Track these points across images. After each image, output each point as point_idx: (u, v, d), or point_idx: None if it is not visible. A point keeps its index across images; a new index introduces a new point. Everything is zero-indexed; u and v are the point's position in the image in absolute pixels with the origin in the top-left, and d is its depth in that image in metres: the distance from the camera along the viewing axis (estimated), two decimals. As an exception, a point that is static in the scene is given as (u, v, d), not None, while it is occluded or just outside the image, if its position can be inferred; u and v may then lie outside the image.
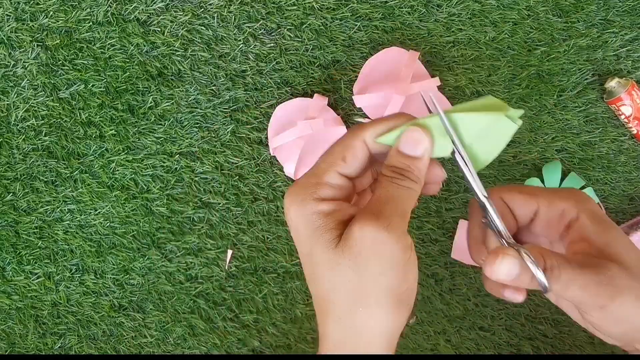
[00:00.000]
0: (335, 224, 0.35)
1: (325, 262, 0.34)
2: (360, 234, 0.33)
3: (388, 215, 0.34)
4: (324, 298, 0.36)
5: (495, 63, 0.75)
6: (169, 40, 0.75)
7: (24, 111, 0.76)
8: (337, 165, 0.36)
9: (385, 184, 0.35)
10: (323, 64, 0.75)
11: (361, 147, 0.36)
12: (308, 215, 0.35)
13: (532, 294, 0.76)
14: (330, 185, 0.35)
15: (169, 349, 0.78)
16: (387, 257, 0.33)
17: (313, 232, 0.35)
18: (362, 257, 0.33)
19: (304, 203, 0.35)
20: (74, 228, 0.77)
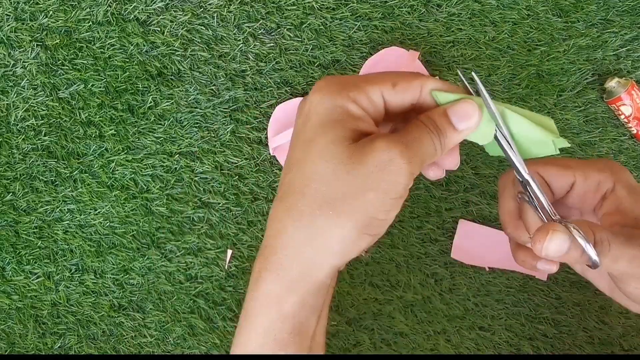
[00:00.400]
0: (353, 128, 0.33)
1: (325, 154, 0.33)
2: (382, 149, 0.32)
3: (414, 152, 0.33)
4: (299, 188, 0.33)
5: (495, 63, 0.75)
6: (169, 40, 0.75)
7: (24, 111, 0.76)
8: (385, 87, 0.34)
9: (422, 128, 0.34)
10: (323, 64, 0.75)
11: (416, 87, 0.35)
12: (333, 106, 0.33)
13: (532, 293, 0.76)
14: (369, 97, 0.34)
15: (169, 348, 0.78)
16: (389, 184, 0.32)
17: (329, 122, 0.33)
18: (368, 169, 0.32)
19: (336, 95, 0.33)
20: (73, 228, 0.77)
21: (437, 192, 0.75)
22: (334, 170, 0.32)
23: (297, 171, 0.34)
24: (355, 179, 0.32)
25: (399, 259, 0.76)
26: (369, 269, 0.76)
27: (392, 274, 0.76)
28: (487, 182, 0.75)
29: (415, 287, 0.76)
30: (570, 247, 0.33)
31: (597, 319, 0.76)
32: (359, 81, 0.34)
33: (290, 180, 0.34)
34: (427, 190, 0.76)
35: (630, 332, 0.76)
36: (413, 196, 0.75)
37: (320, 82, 0.35)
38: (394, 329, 0.77)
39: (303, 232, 0.33)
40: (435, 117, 0.35)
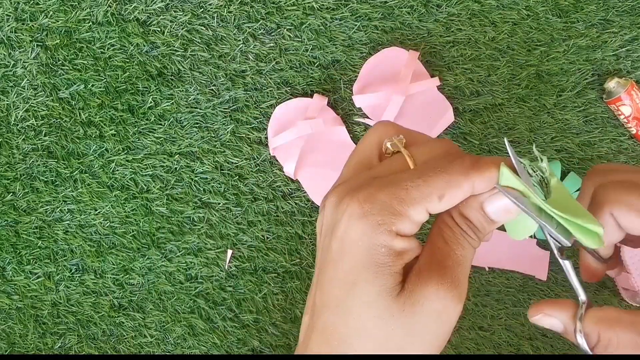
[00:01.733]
0: (400, 268, 0.30)
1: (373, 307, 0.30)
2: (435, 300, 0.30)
3: (462, 283, 0.30)
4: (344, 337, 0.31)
5: (495, 63, 0.75)
6: (169, 40, 0.75)
7: (24, 111, 0.76)
8: (431, 202, 0.30)
9: (462, 240, 0.31)
10: (323, 64, 0.75)
11: (465, 189, 0.30)
12: (376, 245, 0.30)
13: (532, 293, 0.76)
14: (413, 220, 0.30)
15: (169, 348, 0.78)
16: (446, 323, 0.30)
17: (373, 266, 0.30)
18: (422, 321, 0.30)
19: (378, 229, 0.30)
20: (73, 228, 0.77)
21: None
22: (385, 325, 0.30)
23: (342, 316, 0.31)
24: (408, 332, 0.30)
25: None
26: (368, 269, 0.76)
27: (392, 274, 0.77)
28: (486, 182, 0.76)
29: (415, 287, 0.76)
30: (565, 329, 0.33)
31: (596, 318, 0.76)
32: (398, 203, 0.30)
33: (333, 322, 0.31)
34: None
35: (629, 332, 0.76)
36: (413, 196, 0.76)
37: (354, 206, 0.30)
38: (393, 329, 0.77)
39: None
40: (472, 216, 0.32)
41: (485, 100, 0.75)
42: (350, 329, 0.31)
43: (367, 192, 0.30)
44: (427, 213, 0.30)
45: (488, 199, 0.31)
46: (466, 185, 0.30)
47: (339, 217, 0.31)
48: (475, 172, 0.30)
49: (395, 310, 0.30)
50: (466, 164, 0.30)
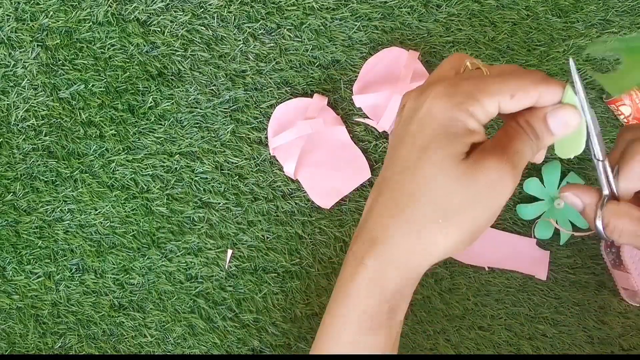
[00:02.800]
0: (468, 142, 0.35)
1: (442, 167, 0.34)
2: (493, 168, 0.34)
3: (519, 166, 0.35)
4: (412, 193, 0.35)
5: (495, 63, 0.75)
6: (169, 40, 0.75)
7: (24, 111, 0.76)
8: (503, 98, 0.35)
9: (524, 138, 0.36)
10: (323, 64, 0.75)
11: (533, 95, 0.35)
12: (454, 119, 0.34)
13: (532, 293, 0.76)
14: (486, 110, 0.35)
15: (169, 348, 0.78)
16: (496, 197, 0.35)
17: (448, 135, 0.34)
18: (479, 186, 0.34)
19: (457, 108, 0.34)
20: (74, 228, 0.77)
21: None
22: (449, 184, 0.34)
23: (411, 175, 0.36)
24: (467, 194, 0.35)
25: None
26: (368, 269, 0.76)
27: (392, 274, 0.77)
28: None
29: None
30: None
31: (596, 318, 0.76)
32: (478, 92, 0.35)
33: (401, 181, 0.36)
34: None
35: (629, 332, 0.76)
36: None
37: (439, 88, 0.35)
38: (393, 329, 0.77)
39: (413, 234, 0.36)
40: (536, 123, 0.36)
41: (485, 100, 0.75)
42: (418, 184, 0.35)
43: (452, 80, 0.36)
44: (498, 107, 0.35)
45: (551, 111, 0.36)
46: (534, 92, 0.35)
47: (423, 100, 0.36)
48: (544, 84, 0.35)
49: (459, 173, 0.34)
50: (538, 76, 0.36)
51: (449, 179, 0.34)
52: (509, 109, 0.36)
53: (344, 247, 0.76)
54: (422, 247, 0.36)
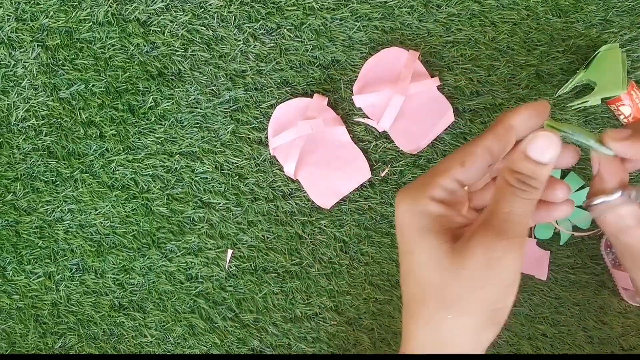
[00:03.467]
0: (441, 228, 0.34)
1: (426, 263, 0.34)
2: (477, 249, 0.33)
3: (511, 234, 0.33)
4: (416, 298, 0.35)
5: (495, 63, 0.75)
6: (169, 40, 0.75)
7: (25, 111, 0.76)
8: (454, 170, 0.34)
9: (509, 196, 0.34)
10: (323, 64, 0.75)
11: (482, 154, 0.34)
12: (416, 213, 0.34)
13: (532, 293, 0.76)
14: (443, 187, 0.34)
15: (169, 348, 0.78)
16: (497, 276, 0.33)
17: (418, 231, 0.34)
18: (471, 269, 0.33)
19: (415, 201, 0.35)
20: (74, 228, 0.77)
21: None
22: (441, 278, 0.34)
23: (411, 281, 0.36)
24: (464, 281, 0.33)
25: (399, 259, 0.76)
26: (369, 269, 0.76)
27: (392, 274, 0.76)
28: (486, 182, 0.76)
29: (415, 286, 0.76)
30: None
31: (596, 318, 0.76)
32: (430, 177, 0.35)
33: (408, 290, 0.36)
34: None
35: (629, 332, 0.76)
36: (413, 196, 0.76)
37: (399, 194, 0.36)
38: (393, 329, 0.77)
39: (432, 336, 0.35)
40: (518, 166, 0.34)
41: (485, 100, 0.75)
42: (415, 287, 0.35)
43: (407, 185, 0.36)
44: (457, 181, 0.34)
45: (528, 144, 0.34)
46: (478, 149, 0.34)
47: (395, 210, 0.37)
48: (482, 138, 0.34)
49: (447, 264, 0.33)
50: (481, 134, 0.35)
51: (440, 274, 0.34)
52: (469, 178, 0.35)
53: (344, 247, 0.76)
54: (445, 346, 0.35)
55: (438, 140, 0.75)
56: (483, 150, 0.34)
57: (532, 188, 0.34)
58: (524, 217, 0.33)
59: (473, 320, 0.34)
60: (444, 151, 0.75)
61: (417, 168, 0.75)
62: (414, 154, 0.75)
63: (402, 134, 0.74)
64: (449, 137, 0.75)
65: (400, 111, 0.73)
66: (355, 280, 0.76)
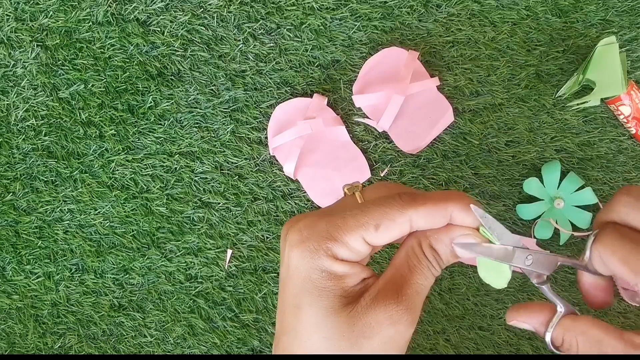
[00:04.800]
0: (342, 292, 0.31)
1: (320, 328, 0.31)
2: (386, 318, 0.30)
3: (417, 310, 0.31)
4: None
5: (495, 63, 0.75)
6: (169, 40, 0.75)
7: (24, 111, 0.76)
8: (367, 232, 0.31)
9: (426, 271, 0.32)
10: (322, 64, 0.75)
11: (402, 224, 0.31)
12: (315, 270, 0.31)
13: (532, 293, 0.76)
14: (350, 247, 0.31)
15: (169, 348, 0.78)
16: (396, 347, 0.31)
17: (312, 289, 0.31)
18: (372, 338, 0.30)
19: (315, 254, 0.31)
20: (73, 228, 0.77)
21: (437, 192, 0.76)
22: (335, 345, 0.30)
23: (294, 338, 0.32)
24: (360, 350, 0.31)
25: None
26: (368, 269, 0.76)
27: (391, 274, 0.77)
28: (486, 182, 0.76)
29: (414, 287, 0.76)
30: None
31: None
32: (335, 229, 0.31)
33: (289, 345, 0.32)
34: (427, 191, 0.76)
35: (629, 332, 0.76)
36: (413, 196, 0.76)
37: (293, 234, 0.31)
38: (393, 329, 0.77)
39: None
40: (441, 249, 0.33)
41: (485, 100, 0.75)
42: (305, 350, 0.31)
43: (309, 220, 0.32)
44: (365, 242, 0.31)
45: (459, 241, 0.32)
46: (400, 219, 0.31)
47: (284, 245, 0.32)
48: (410, 207, 0.31)
49: (345, 331, 0.30)
50: (404, 199, 0.31)
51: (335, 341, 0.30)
52: (379, 242, 0.31)
53: (343, 247, 0.76)
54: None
55: (438, 140, 0.75)
56: (405, 221, 0.31)
57: (438, 271, 0.33)
58: (426, 289, 0.32)
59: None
60: (443, 151, 0.75)
61: (417, 168, 0.75)
62: (414, 154, 0.75)
63: (402, 134, 0.74)
64: (449, 137, 0.75)
65: (400, 111, 0.73)
66: (355, 280, 0.76)
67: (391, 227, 0.31)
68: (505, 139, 0.75)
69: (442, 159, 0.75)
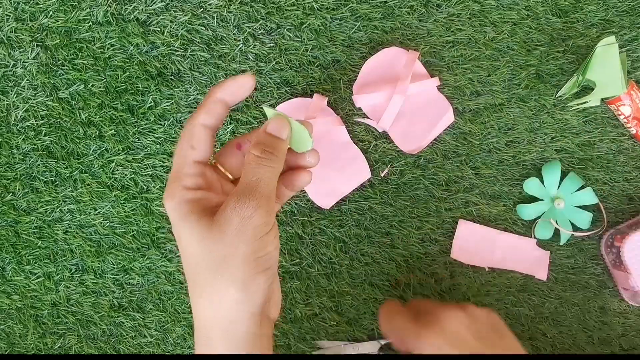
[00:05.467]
0: (200, 209, 0.39)
1: (192, 240, 0.38)
2: (231, 214, 0.37)
3: (257, 196, 0.38)
4: (191, 277, 0.39)
5: (495, 63, 0.75)
6: (169, 40, 0.75)
7: (24, 111, 0.76)
8: (189, 155, 0.40)
9: (254, 165, 0.39)
10: (323, 64, 0.75)
11: (201, 131, 0.41)
12: (176, 205, 0.39)
13: (532, 293, 0.76)
14: (190, 174, 0.40)
15: (169, 348, 0.78)
16: (249, 230, 0.38)
17: (181, 218, 0.39)
18: (229, 232, 0.37)
19: (172, 195, 0.40)
20: (73, 228, 0.77)
21: (437, 193, 0.76)
22: (206, 247, 0.38)
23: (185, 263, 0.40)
24: (226, 244, 0.38)
25: (398, 259, 0.76)
26: (368, 269, 0.76)
27: (392, 274, 0.76)
28: (486, 182, 0.76)
29: (415, 287, 0.76)
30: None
31: (597, 319, 0.76)
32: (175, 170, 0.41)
33: (186, 272, 0.40)
34: (427, 191, 0.76)
35: (629, 332, 0.76)
36: (413, 196, 0.76)
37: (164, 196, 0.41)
38: (393, 329, 0.77)
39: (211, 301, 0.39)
40: (262, 139, 0.41)
41: (485, 100, 0.75)
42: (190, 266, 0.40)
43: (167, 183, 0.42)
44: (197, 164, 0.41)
45: (268, 124, 0.41)
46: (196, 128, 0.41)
47: None
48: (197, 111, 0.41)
49: (208, 236, 0.38)
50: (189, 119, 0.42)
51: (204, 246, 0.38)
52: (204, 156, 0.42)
53: (343, 247, 0.76)
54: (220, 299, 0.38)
55: (438, 140, 0.75)
56: (200, 129, 0.41)
57: (274, 157, 0.40)
58: (268, 181, 0.39)
59: (240, 272, 0.38)
60: (444, 151, 0.75)
61: (417, 168, 0.75)
62: (414, 154, 0.75)
63: (402, 134, 0.74)
64: (449, 137, 0.75)
65: (400, 111, 0.73)
66: (355, 281, 0.76)
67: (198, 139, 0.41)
68: (506, 139, 0.75)
69: (443, 159, 0.75)
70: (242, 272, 0.38)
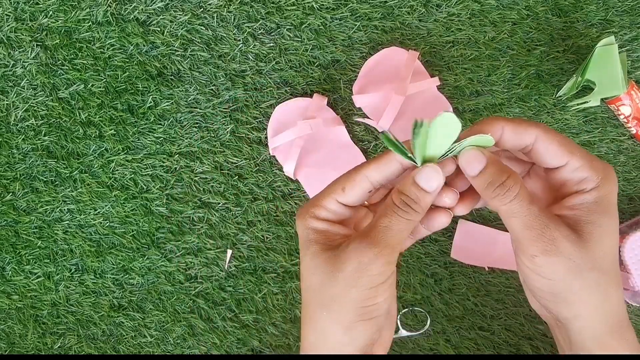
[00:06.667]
0: (324, 240, 0.40)
1: (311, 266, 0.39)
2: (353, 252, 0.37)
3: (384, 244, 0.37)
4: (304, 299, 0.41)
5: (495, 63, 0.75)
6: (169, 40, 0.75)
7: (24, 111, 0.76)
8: (336, 194, 0.40)
9: (390, 213, 0.38)
10: (322, 64, 0.75)
11: (361, 180, 0.40)
12: (304, 229, 0.41)
13: (532, 293, 0.76)
14: (327, 208, 0.41)
15: (169, 348, 0.78)
16: (364, 277, 0.37)
17: (305, 243, 0.40)
18: (345, 271, 0.38)
19: (303, 218, 0.41)
20: (73, 228, 0.77)
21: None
22: (321, 279, 0.39)
23: (303, 286, 0.41)
24: (339, 283, 0.38)
25: (398, 258, 0.76)
26: (368, 269, 0.76)
27: (391, 274, 0.76)
28: (486, 182, 0.75)
29: (415, 287, 0.76)
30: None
31: (596, 318, 0.76)
32: (316, 199, 0.41)
33: (302, 294, 0.42)
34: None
35: (629, 332, 0.76)
36: (413, 196, 0.75)
37: (297, 212, 0.42)
38: (393, 329, 0.77)
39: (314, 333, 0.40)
40: (407, 190, 0.39)
41: (485, 100, 0.75)
42: (305, 290, 0.41)
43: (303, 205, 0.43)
44: (339, 203, 0.41)
45: (417, 173, 0.39)
46: (358, 177, 0.40)
47: None
48: (363, 167, 0.40)
49: (326, 268, 0.39)
50: (362, 163, 0.41)
51: (320, 277, 0.39)
52: (350, 201, 0.41)
53: (343, 247, 0.76)
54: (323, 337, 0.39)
55: (438, 140, 0.75)
56: (362, 178, 0.40)
57: (414, 211, 0.38)
58: (399, 233, 0.38)
59: (343, 316, 0.38)
60: (443, 151, 0.75)
61: (417, 168, 0.75)
62: (413, 154, 0.75)
63: (402, 134, 0.74)
64: (448, 137, 0.75)
65: (400, 111, 0.73)
66: (355, 281, 0.76)
67: (353, 186, 0.40)
68: (506, 139, 0.75)
69: (442, 159, 0.75)
70: (347, 317, 0.38)
